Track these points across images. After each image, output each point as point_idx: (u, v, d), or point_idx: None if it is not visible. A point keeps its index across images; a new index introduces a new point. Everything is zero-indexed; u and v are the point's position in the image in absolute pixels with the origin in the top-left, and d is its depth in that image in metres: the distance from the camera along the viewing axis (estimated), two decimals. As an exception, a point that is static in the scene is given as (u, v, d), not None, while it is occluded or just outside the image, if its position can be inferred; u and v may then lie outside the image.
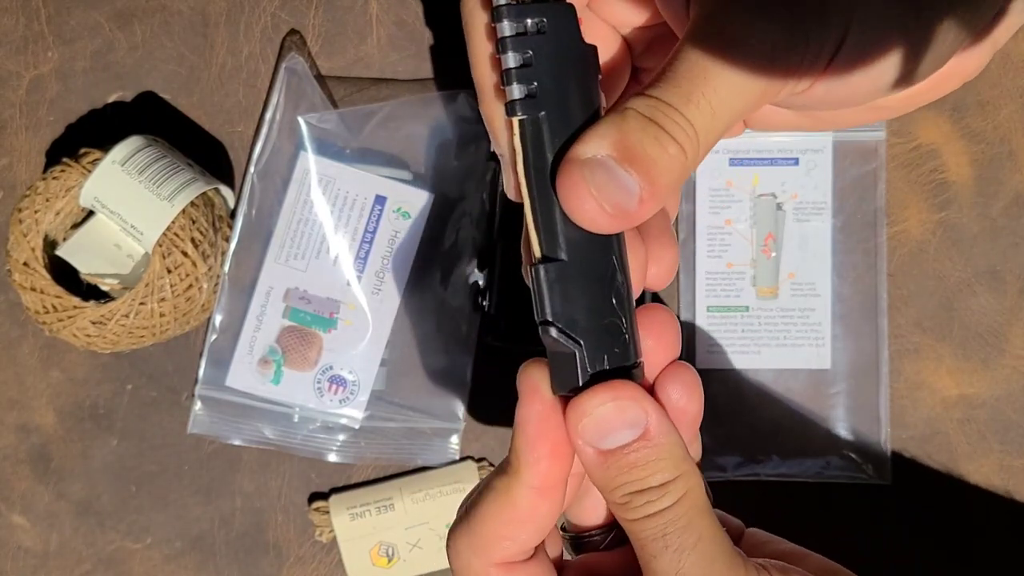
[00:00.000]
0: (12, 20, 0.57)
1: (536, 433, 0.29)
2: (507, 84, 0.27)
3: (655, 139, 0.26)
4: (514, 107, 0.27)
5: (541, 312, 0.28)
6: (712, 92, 0.26)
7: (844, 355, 0.55)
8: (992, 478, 0.55)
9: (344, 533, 0.55)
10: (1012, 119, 0.55)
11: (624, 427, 0.27)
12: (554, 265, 0.27)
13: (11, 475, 0.57)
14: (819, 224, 0.55)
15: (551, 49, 0.27)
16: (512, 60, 0.27)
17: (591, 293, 0.27)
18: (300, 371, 0.54)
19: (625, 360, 0.28)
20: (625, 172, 0.26)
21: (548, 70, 0.27)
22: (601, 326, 0.27)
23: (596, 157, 0.26)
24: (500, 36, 0.27)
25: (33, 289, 0.52)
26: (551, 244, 0.27)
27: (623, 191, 0.26)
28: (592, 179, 0.26)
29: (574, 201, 0.26)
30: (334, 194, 0.54)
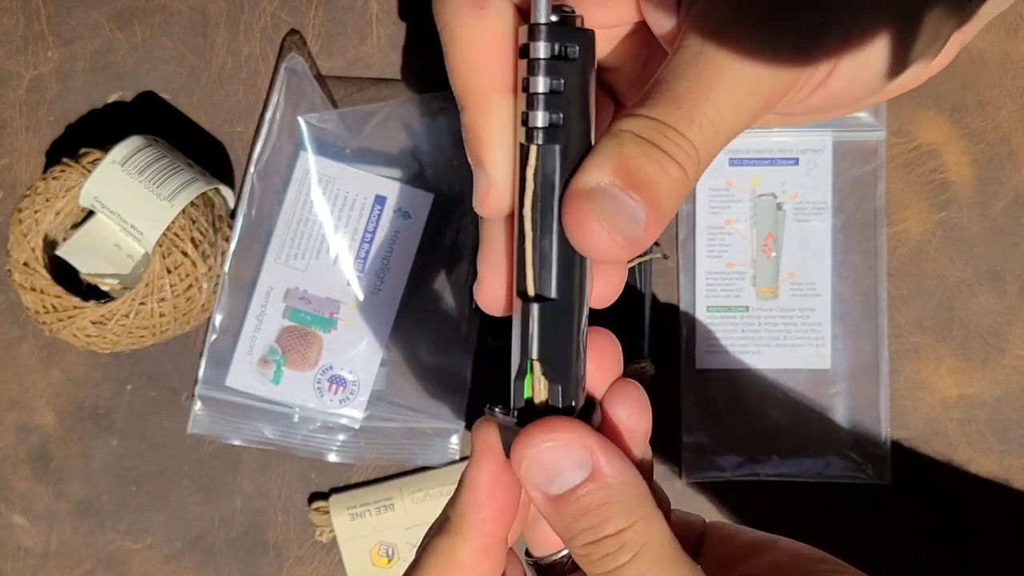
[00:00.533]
0: (12, 20, 0.57)
1: (486, 494, 0.27)
2: (532, 109, 0.25)
3: (657, 163, 0.25)
4: (536, 135, 0.25)
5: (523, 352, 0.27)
6: (715, 112, 0.25)
7: (844, 355, 0.55)
8: (992, 478, 0.55)
9: (344, 533, 0.55)
10: (1012, 119, 0.55)
11: (570, 468, 0.26)
12: (548, 305, 0.26)
13: (11, 475, 0.57)
14: (819, 224, 0.55)
15: (577, 78, 0.26)
16: (543, 85, 0.25)
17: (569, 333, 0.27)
18: (300, 371, 0.54)
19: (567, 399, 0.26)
20: (630, 199, 0.24)
21: (572, 100, 0.26)
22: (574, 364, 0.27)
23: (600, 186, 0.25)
24: (534, 56, 0.25)
25: (33, 289, 0.51)
26: (544, 281, 0.26)
27: (629, 219, 0.24)
28: (600, 209, 0.24)
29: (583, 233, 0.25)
30: (334, 194, 0.54)
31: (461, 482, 0.28)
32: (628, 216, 0.24)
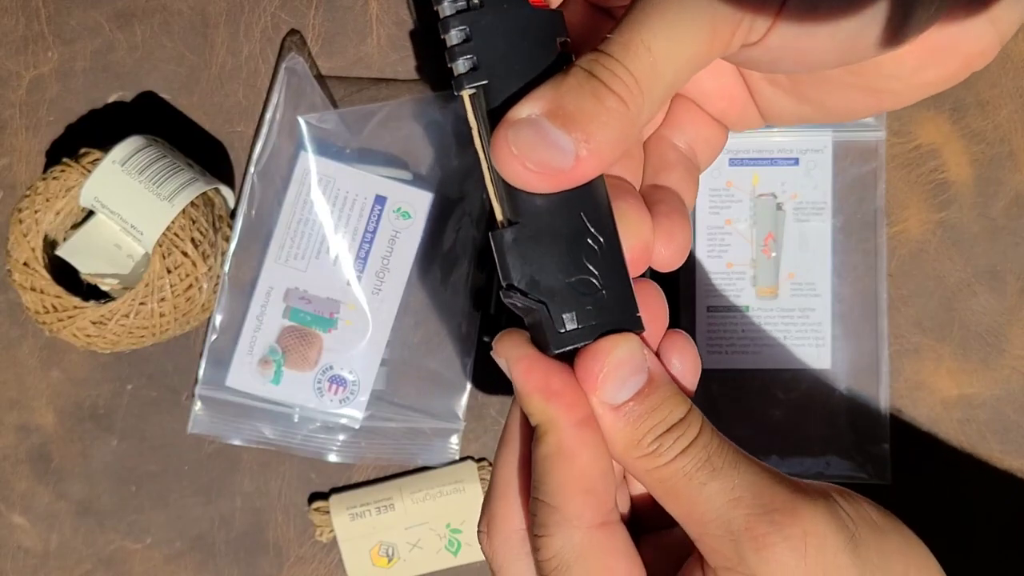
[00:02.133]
0: (12, 20, 0.57)
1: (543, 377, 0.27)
2: (452, 61, 0.27)
3: (592, 94, 0.25)
4: (460, 81, 0.27)
5: (504, 278, 0.27)
6: (651, 37, 0.25)
7: (844, 355, 0.55)
8: (992, 478, 0.55)
9: (344, 533, 0.55)
10: (1012, 119, 0.55)
11: (634, 374, 0.27)
12: (511, 228, 0.27)
13: (11, 475, 0.57)
14: (819, 224, 0.55)
15: (494, 20, 0.27)
16: (454, 37, 0.27)
17: (554, 252, 0.27)
18: (300, 371, 0.54)
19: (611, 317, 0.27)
20: (557, 130, 0.25)
21: (492, 41, 0.27)
22: (567, 284, 0.27)
23: (527, 117, 0.25)
24: (441, 17, 0.27)
25: (33, 289, 0.52)
26: (511, 209, 0.27)
27: (554, 149, 0.25)
28: (516, 139, 0.25)
29: (499, 162, 0.25)
30: (334, 194, 0.54)
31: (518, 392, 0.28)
32: (552, 147, 0.25)
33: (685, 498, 0.27)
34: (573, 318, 0.27)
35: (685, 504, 0.27)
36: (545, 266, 0.27)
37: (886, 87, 0.29)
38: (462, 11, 0.27)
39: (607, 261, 0.27)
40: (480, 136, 0.27)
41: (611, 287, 0.27)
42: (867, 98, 0.30)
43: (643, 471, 0.27)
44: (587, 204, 0.27)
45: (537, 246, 0.27)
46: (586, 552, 0.27)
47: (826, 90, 0.30)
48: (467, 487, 0.55)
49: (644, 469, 0.27)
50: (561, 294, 0.27)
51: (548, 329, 0.27)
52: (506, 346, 0.28)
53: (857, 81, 0.29)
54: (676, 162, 0.32)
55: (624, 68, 0.25)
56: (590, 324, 0.27)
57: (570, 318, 0.27)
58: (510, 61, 0.27)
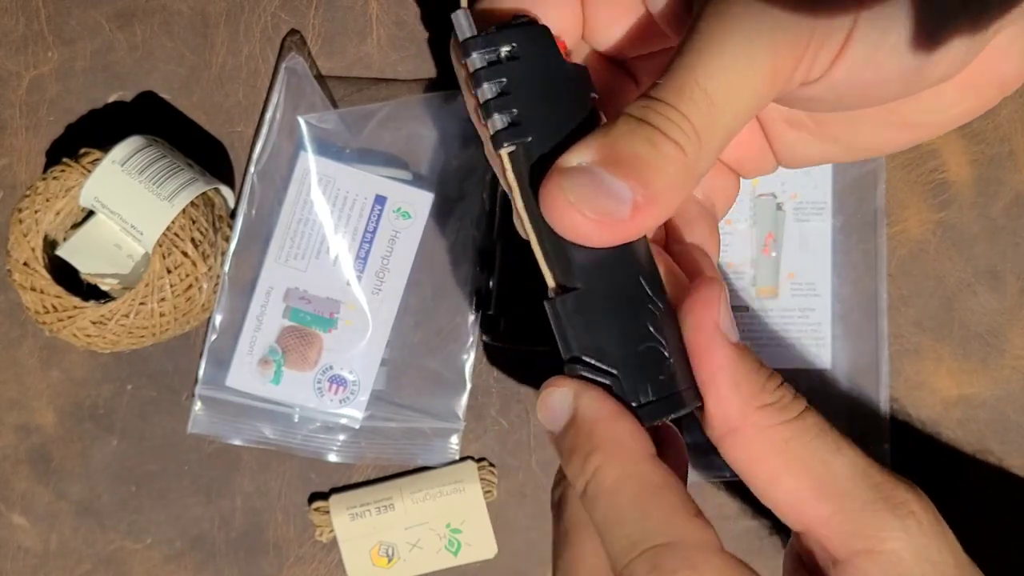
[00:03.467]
0: (12, 20, 0.57)
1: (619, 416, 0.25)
2: (487, 118, 0.25)
3: (646, 140, 0.23)
4: (499, 138, 0.25)
5: (566, 349, 0.25)
6: (707, 79, 0.23)
7: (844, 355, 0.55)
8: (992, 478, 0.55)
9: (344, 533, 0.55)
10: (1012, 119, 0.55)
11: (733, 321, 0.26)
12: (571, 295, 0.25)
13: (11, 475, 0.57)
14: (819, 224, 0.55)
15: (528, 73, 0.25)
16: (488, 91, 0.25)
17: (620, 318, 0.25)
18: (300, 371, 0.54)
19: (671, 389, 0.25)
20: (613, 177, 0.23)
21: (529, 95, 0.25)
22: (637, 352, 0.25)
23: (579, 165, 0.24)
24: (472, 71, 0.25)
25: (33, 289, 0.52)
26: (564, 274, 0.25)
27: (611, 198, 0.23)
28: (571, 187, 0.23)
29: (554, 213, 0.24)
30: (334, 194, 0.54)
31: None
32: (608, 194, 0.23)
33: (818, 463, 0.25)
34: (648, 391, 0.25)
35: (818, 470, 0.25)
36: (612, 334, 0.25)
37: (922, 121, 0.28)
38: (494, 63, 0.25)
39: (668, 327, 0.25)
40: (522, 195, 0.25)
41: (676, 353, 0.25)
42: (900, 134, 0.29)
43: (764, 427, 0.25)
44: (642, 266, 0.25)
45: (598, 313, 0.25)
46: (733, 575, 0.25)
47: (858, 130, 0.29)
48: (467, 487, 0.55)
49: (767, 424, 0.25)
50: (632, 365, 0.25)
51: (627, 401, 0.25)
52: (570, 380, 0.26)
53: (893, 118, 0.28)
54: (698, 216, 0.30)
55: (679, 113, 0.23)
56: (666, 397, 0.25)
57: (644, 391, 0.25)
58: (547, 116, 0.25)
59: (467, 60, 0.25)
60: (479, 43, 0.25)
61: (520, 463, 0.56)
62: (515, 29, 0.25)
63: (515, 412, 0.56)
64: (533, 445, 0.56)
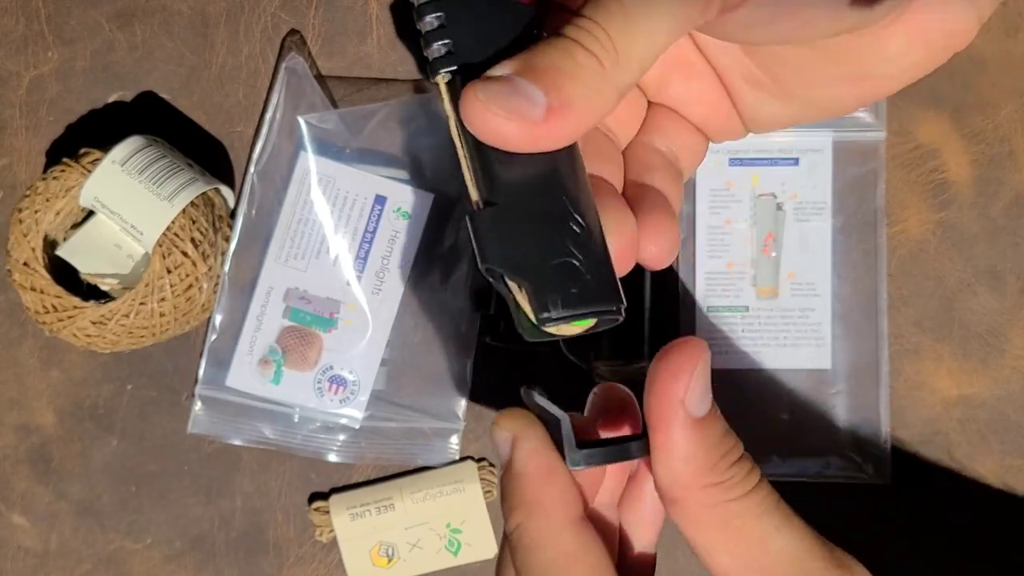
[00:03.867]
0: (12, 20, 0.57)
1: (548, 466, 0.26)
2: (427, 47, 0.27)
3: (563, 50, 0.24)
4: (435, 66, 0.26)
5: (481, 260, 0.26)
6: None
7: (844, 355, 0.55)
8: (992, 478, 0.55)
9: (344, 533, 0.55)
10: (1012, 119, 0.55)
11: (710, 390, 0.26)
12: (489, 209, 0.26)
13: (11, 475, 0.57)
14: (819, 224, 0.55)
15: (474, 9, 0.27)
16: (428, 24, 0.27)
17: (537, 233, 0.25)
18: (300, 371, 0.54)
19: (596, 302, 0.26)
20: (528, 83, 0.24)
21: (471, 28, 0.26)
22: (551, 265, 0.25)
23: (499, 76, 0.25)
24: (415, 5, 0.27)
25: (33, 289, 0.52)
26: (487, 189, 0.26)
27: (523, 99, 0.24)
28: (486, 92, 0.24)
29: (470, 115, 0.24)
30: (334, 194, 0.54)
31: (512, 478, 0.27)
32: (523, 98, 0.24)
33: (756, 542, 0.25)
34: (558, 302, 0.25)
35: (755, 549, 0.25)
36: (526, 247, 0.25)
37: (872, 72, 0.28)
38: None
39: (590, 246, 0.26)
40: (455, 119, 0.26)
41: (596, 272, 0.26)
42: (853, 88, 0.29)
43: (707, 505, 0.25)
44: (567, 186, 0.26)
45: (517, 227, 0.26)
46: None
47: (811, 83, 0.29)
48: (467, 487, 0.55)
49: (710, 503, 0.25)
50: (544, 276, 0.25)
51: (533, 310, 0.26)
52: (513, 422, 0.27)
53: (843, 70, 0.28)
54: (659, 165, 0.31)
55: (596, 25, 0.24)
56: (577, 311, 0.26)
57: (554, 301, 0.25)
58: (487, 49, 0.26)
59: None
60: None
61: (520, 463, 0.56)
62: None
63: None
64: (533, 445, 0.56)
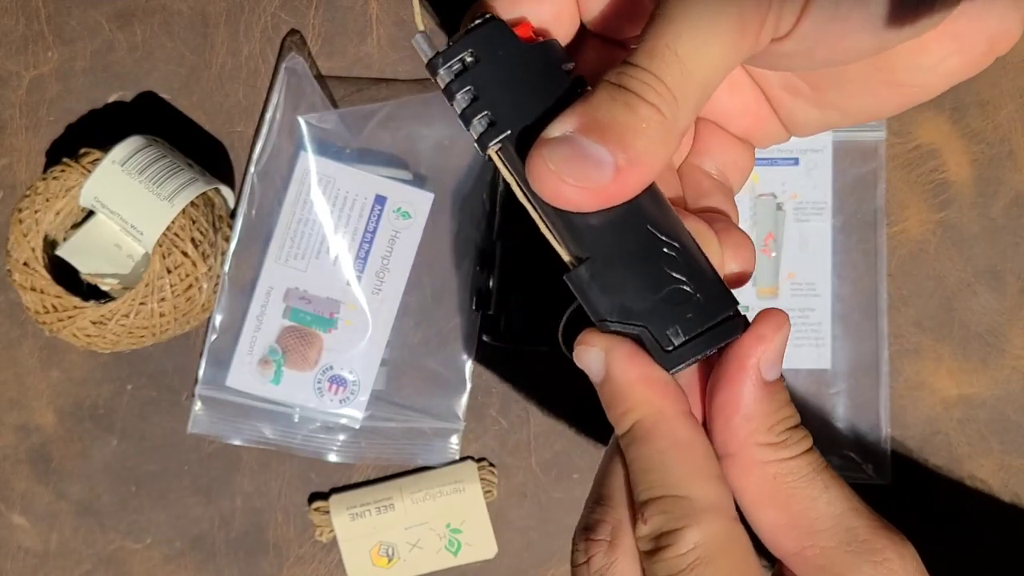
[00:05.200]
0: (12, 20, 0.57)
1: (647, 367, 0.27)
2: (468, 126, 0.26)
3: (624, 104, 0.24)
4: (483, 141, 0.26)
5: (594, 316, 0.27)
6: (677, 40, 0.24)
7: (844, 355, 0.55)
8: (992, 478, 0.55)
9: (344, 533, 0.55)
10: (1012, 119, 0.55)
11: (782, 360, 0.27)
12: (584, 265, 0.26)
13: (11, 475, 0.57)
14: (819, 224, 0.55)
15: (494, 70, 0.26)
16: (461, 102, 0.26)
17: (635, 272, 0.26)
18: (300, 371, 0.54)
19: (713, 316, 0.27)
20: (593, 143, 0.24)
21: (499, 90, 0.26)
22: (659, 299, 0.26)
23: (561, 136, 0.25)
24: (443, 87, 0.26)
25: (33, 289, 0.52)
26: (574, 246, 0.26)
27: (592, 163, 0.24)
28: (552, 156, 0.25)
29: (539, 183, 0.25)
30: (334, 194, 0.54)
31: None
32: (588, 160, 0.24)
33: (802, 500, 0.26)
34: (678, 332, 0.26)
35: (800, 506, 0.26)
36: (630, 290, 0.26)
37: (912, 80, 0.28)
38: (460, 73, 0.26)
39: (690, 262, 0.26)
40: (520, 184, 0.26)
41: (703, 286, 0.27)
42: (892, 95, 0.29)
43: (760, 463, 0.26)
44: (650, 216, 0.26)
45: (615, 273, 0.26)
46: (728, 544, 0.26)
47: (849, 92, 0.29)
48: (467, 487, 0.55)
49: (764, 460, 0.26)
50: (657, 312, 0.26)
51: (656, 351, 0.26)
52: (600, 338, 0.27)
53: (882, 77, 0.29)
54: (713, 188, 0.31)
55: (652, 75, 0.24)
56: (697, 332, 0.26)
57: (675, 332, 0.26)
58: (524, 103, 0.26)
59: (436, 79, 0.27)
60: (441, 59, 0.27)
61: (520, 463, 0.56)
62: (471, 33, 0.27)
63: (515, 412, 0.56)
64: (533, 445, 0.56)
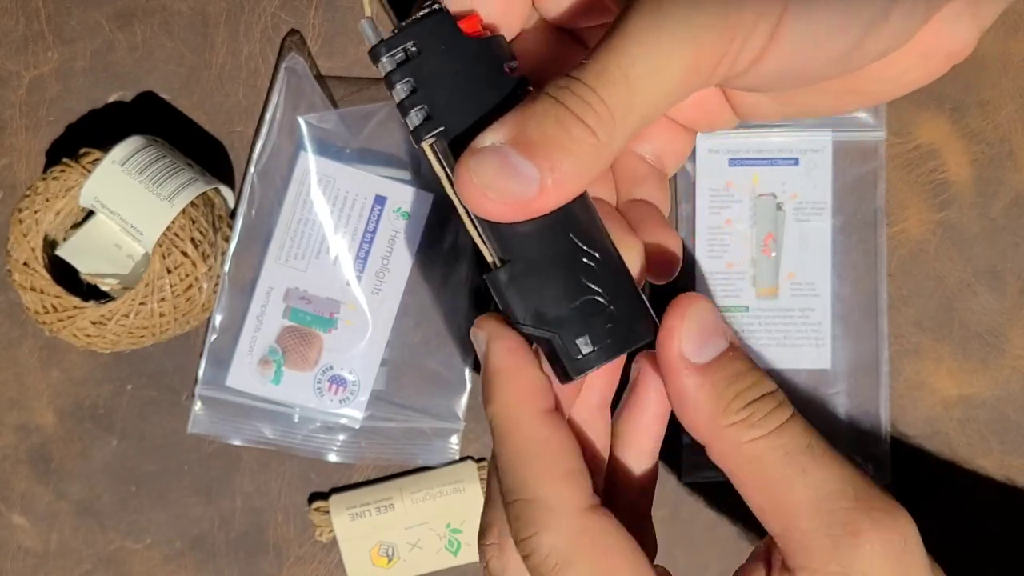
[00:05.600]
0: (12, 20, 0.57)
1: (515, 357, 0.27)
2: (404, 117, 0.26)
3: (557, 122, 0.24)
4: (417, 135, 0.26)
5: (510, 318, 0.27)
6: (630, 64, 0.24)
7: (844, 355, 0.55)
8: (992, 478, 0.55)
9: (344, 533, 0.55)
10: (1012, 119, 0.55)
11: (714, 335, 0.26)
12: (503, 268, 0.26)
13: (11, 475, 0.57)
14: (819, 224, 0.55)
15: (436, 63, 0.26)
16: (400, 92, 0.26)
17: (552, 279, 0.26)
18: (300, 371, 0.54)
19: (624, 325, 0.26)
20: (521, 158, 0.24)
21: (439, 84, 0.26)
22: (573, 308, 0.26)
23: (490, 146, 0.24)
24: (384, 75, 0.26)
25: (33, 289, 0.52)
26: (497, 248, 0.26)
27: (518, 179, 0.24)
28: (477, 168, 0.24)
29: (465, 195, 0.25)
30: (334, 194, 0.54)
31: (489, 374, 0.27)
32: (516, 176, 0.24)
33: (779, 482, 0.25)
34: (587, 341, 0.26)
35: (778, 488, 0.25)
36: (546, 296, 0.26)
37: (874, 89, 0.29)
38: (402, 63, 0.26)
39: (608, 274, 0.26)
40: (449, 183, 0.26)
41: (618, 298, 0.26)
42: (854, 100, 0.30)
43: (733, 445, 0.26)
44: (573, 224, 0.26)
45: (533, 278, 0.26)
46: (583, 540, 0.26)
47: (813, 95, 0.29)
48: (467, 487, 0.55)
49: (735, 442, 0.26)
50: (569, 320, 0.26)
51: (565, 357, 0.26)
52: (491, 324, 0.27)
53: (847, 87, 0.29)
54: (647, 175, 0.31)
55: (596, 96, 0.24)
56: (606, 343, 0.26)
57: (584, 342, 0.26)
58: (462, 100, 0.26)
59: (378, 66, 0.26)
60: (383, 48, 0.26)
61: (520, 463, 0.56)
62: (417, 23, 0.26)
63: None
64: (533, 445, 0.56)
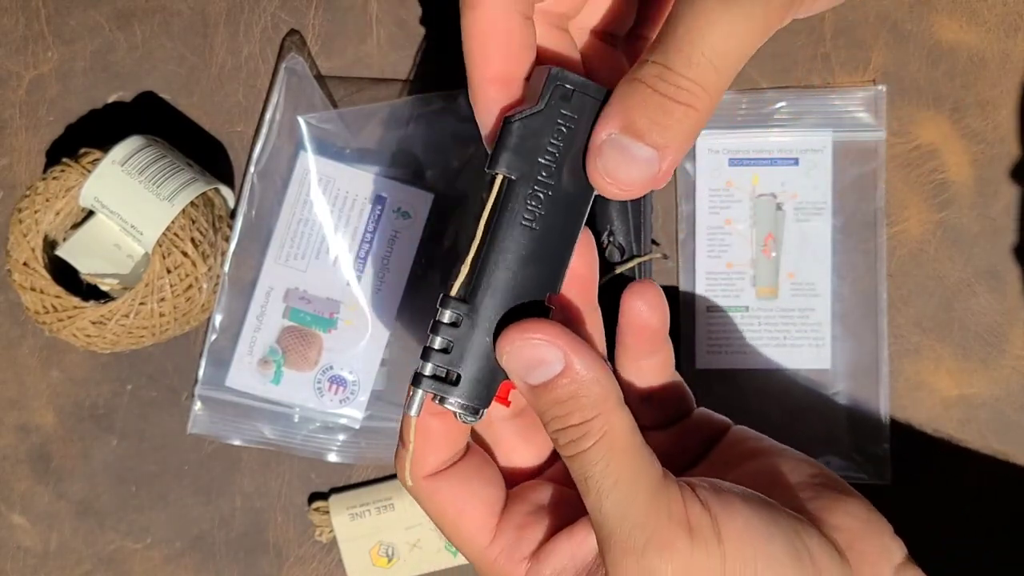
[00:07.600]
0: (12, 20, 0.57)
1: None
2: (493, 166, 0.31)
3: (659, 107, 0.28)
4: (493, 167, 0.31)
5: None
6: (711, 50, 0.27)
7: (844, 355, 0.55)
8: (992, 478, 0.55)
9: (344, 533, 0.55)
10: (1012, 119, 0.55)
11: (543, 364, 0.29)
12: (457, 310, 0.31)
13: (11, 475, 0.57)
14: (819, 224, 0.55)
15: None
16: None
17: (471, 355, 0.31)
18: (300, 371, 0.54)
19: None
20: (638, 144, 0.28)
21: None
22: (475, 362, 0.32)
23: (608, 139, 0.28)
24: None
25: (33, 289, 0.52)
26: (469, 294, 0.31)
27: (640, 162, 0.28)
28: (606, 163, 0.28)
29: (599, 186, 0.29)
30: (334, 194, 0.54)
31: None
32: (637, 160, 0.28)
33: (588, 496, 0.30)
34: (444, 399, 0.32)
35: (588, 501, 0.30)
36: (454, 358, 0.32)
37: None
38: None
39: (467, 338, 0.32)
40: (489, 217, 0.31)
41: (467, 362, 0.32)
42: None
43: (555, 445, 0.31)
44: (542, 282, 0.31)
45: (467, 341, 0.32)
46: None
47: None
48: (467, 487, 0.55)
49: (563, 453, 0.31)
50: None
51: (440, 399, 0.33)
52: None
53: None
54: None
55: (688, 80, 0.27)
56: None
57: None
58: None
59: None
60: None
61: (520, 463, 0.56)
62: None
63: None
64: (533, 445, 0.56)
